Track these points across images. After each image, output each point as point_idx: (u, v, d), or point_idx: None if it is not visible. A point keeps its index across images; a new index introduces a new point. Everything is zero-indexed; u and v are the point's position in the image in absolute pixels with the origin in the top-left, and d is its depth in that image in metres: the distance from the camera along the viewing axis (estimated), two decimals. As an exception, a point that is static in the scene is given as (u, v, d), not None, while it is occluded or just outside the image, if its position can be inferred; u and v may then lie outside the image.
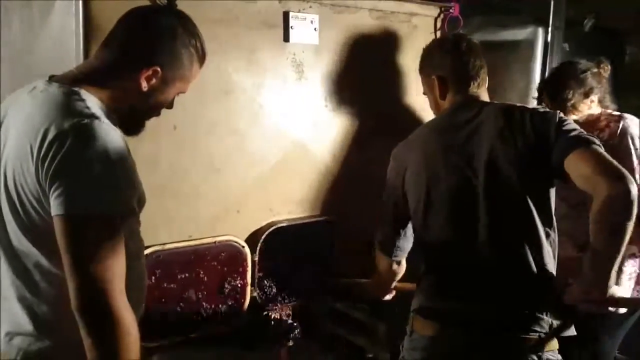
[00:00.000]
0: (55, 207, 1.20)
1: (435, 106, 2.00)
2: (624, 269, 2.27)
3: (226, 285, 2.21)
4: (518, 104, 1.85)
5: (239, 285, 2.23)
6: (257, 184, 2.25)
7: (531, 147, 1.67)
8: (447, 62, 1.90)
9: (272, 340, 2.39)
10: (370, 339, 3.13)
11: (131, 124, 1.43)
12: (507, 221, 1.67)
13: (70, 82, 1.34)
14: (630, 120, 2.32)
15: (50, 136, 1.21)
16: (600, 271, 1.47)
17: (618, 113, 2.39)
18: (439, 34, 2.73)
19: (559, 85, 2.37)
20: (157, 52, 1.39)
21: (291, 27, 2.26)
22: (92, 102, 1.31)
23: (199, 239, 2.13)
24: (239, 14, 2.11)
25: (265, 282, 2.34)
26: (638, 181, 2.16)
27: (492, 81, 3.43)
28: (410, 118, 2.63)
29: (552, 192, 1.71)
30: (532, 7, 3.63)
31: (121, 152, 1.25)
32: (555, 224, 1.71)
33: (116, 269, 1.22)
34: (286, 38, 2.25)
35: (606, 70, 2.44)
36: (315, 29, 2.32)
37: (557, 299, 1.62)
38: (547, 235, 1.67)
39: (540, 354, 1.59)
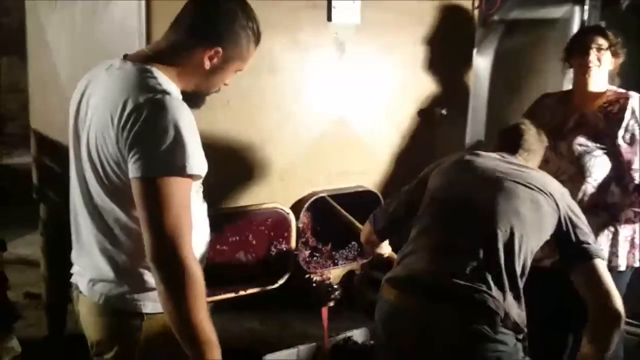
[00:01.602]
0: (133, 170, 1.37)
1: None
2: (620, 231, 2.41)
3: (272, 249, 2.39)
4: (558, 186, 2.00)
5: (284, 249, 2.41)
6: (299, 156, 2.42)
7: (543, 221, 1.89)
8: (510, 133, 2.16)
9: (314, 302, 2.56)
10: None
11: (194, 98, 1.59)
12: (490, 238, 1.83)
13: (143, 61, 1.51)
14: (637, 97, 2.41)
15: (128, 108, 1.38)
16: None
17: (624, 90, 2.49)
18: (477, 12, 2.83)
19: (596, 34, 2.46)
20: (220, 33, 1.53)
21: (334, 7, 2.39)
22: (163, 79, 1.48)
23: (247, 205, 2.31)
24: (285, -6, 2.26)
25: (308, 247, 2.51)
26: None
27: (529, 58, 3.54)
28: (451, 95, 2.76)
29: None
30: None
31: (189, 123, 1.42)
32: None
33: (186, 225, 1.39)
34: (329, 17, 2.39)
35: (624, 52, 2.52)
36: (356, 7, 2.45)
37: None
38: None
39: (494, 328, 1.74)
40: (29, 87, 3.24)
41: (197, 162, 1.41)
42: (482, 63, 3.47)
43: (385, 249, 2.41)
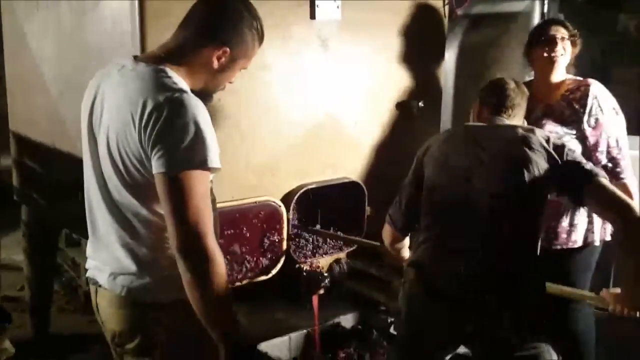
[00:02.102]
0: (157, 166, 1.43)
1: (472, 117, 2.26)
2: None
3: (265, 240, 2.47)
4: (538, 130, 2.09)
5: (277, 240, 2.49)
6: (289, 150, 2.50)
7: (539, 168, 1.94)
8: (493, 91, 2.19)
9: (305, 289, 2.66)
10: (386, 293, 3.42)
11: (201, 96, 1.65)
12: (496, 217, 1.95)
13: (155, 61, 1.56)
14: (597, 84, 2.57)
15: (148, 107, 1.44)
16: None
17: (581, 78, 2.63)
18: (447, 8, 2.96)
19: (557, 25, 2.59)
20: (228, 33, 1.60)
21: (317, 5, 2.49)
22: (177, 78, 1.54)
23: (241, 199, 2.38)
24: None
25: (298, 238, 2.60)
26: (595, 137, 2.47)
27: (492, 51, 3.71)
28: (426, 88, 2.88)
29: (544, 204, 2.01)
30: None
31: (207, 119, 1.48)
32: (541, 221, 2.01)
33: (208, 215, 1.46)
34: (312, 15, 2.48)
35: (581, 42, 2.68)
36: (337, 6, 2.55)
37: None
38: (528, 228, 1.97)
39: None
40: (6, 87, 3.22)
41: (216, 156, 1.49)
42: (448, 56, 3.61)
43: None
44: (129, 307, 1.59)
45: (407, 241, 2.33)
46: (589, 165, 1.97)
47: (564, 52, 2.54)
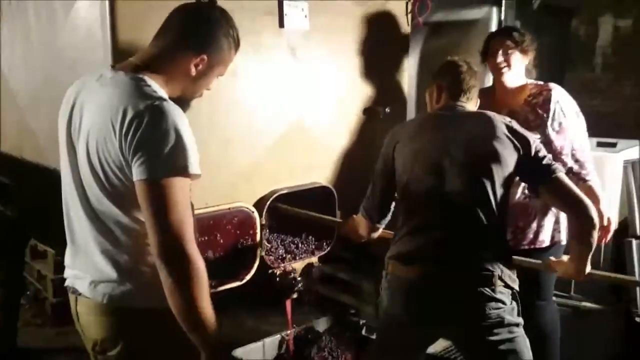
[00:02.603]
0: (138, 173, 1.45)
1: (429, 101, 2.31)
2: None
3: (239, 247, 2.49)
4: (497, 115, 2.17)
5: (250, 245, 2.52)
6: (263, 156, 2.54)
7: (500, 152, 2.02)
8: (447, 75, 2.23)
9: (278, 294, 2.69)
10: (356, 297, 3.48)
11: (180, 102, 1.67)
12: (466, 193, 2.03)
13: (133, 70, 1.58)
14: (558, 89, 2.67)
15: (129, 115, 1.46)
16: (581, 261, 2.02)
17: (542, 82, 2.72)
18: (409, 17, 3.05)
19: (503, 37, 2.68)
20: (205, 41, 1.63)
21: (285, 14, 2.53)
22: (156, 86, 1.56)
23: (215, 205, 2.40)
24: (243, 3, 2.36)
25: (271, 243, 2.63)
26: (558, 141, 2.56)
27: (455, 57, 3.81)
28: (391, 94, 2.96)
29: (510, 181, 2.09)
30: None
31: (186, 126, 1.51)
32: (508, 195, 2.08)
33: (189, 221, 1.49)
34: (281, 24, 2.53)
35: (535, 47, 2.77)
36: (305, 15, 2.60)
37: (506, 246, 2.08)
38: (497, 204, 2.03)
39: (493, 287, 1.98)
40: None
41: (196, 162, 1.52)
42: (411, 63, 3.70)
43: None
44: (111, 315, 1.60)
45: (376, 234, 2.39)
46: (548, 161, 2.05)
47: (507, 64, 2.62)
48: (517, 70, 2.65)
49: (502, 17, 3.82)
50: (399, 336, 2.14)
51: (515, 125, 2.12)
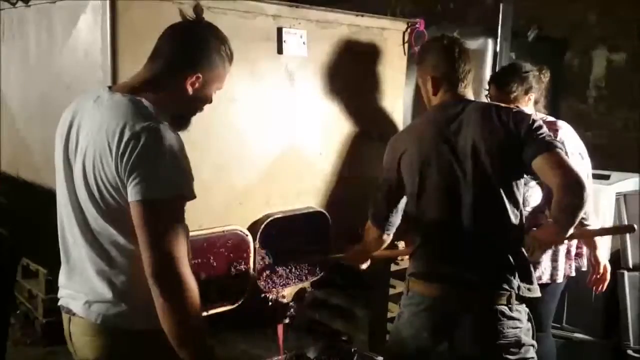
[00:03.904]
0: (133, 194, 1.47)
1: (427, 99, 2.28)
2: (560, 247, 2.67)
3: (232, 270, 2.49)
4: (497, 104, 2.17)
5: (243, 269, 2.52)
6: (257, 180, 2.55)
7: (505, 142, 2.02)
8: (440, 65, 2.17)
9: (270, 319, 2.68)
10: (348, 323, 3.47)
11: (179, 122, 1.70)
12: (482, 203, 2.03)
13: (130, 92, 1.61)
14: (566, 128, 2.70)
15: (126, 136, 1.48)
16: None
17: (552, 118, 2.76)
18: (406, 46, 3.10)
19: (505, 79, 2.72)
20: (198, 60, 1.65)
21: (284, 41, 2.57)
22: (153, 108, 1.58)
23: (209, 228, 2.41)
24: (241, 29, 2.40)
25: (264, 267, 2.63)
26: None
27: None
28: (386, 119, 2.99)
29: (521, 181, 2.08)
30: (483, 19, 4.03)
31: (182, 148, 1.53)
32: (521, 205, 2.08)
33: (182, 243, 1.50)
34: (280, 51, 2.56)
35: (545, 76, 2.82)
36: (304, 42, 2.64)
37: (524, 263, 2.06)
38: (515, 215, 2.04)
39: (510, 305, 1.99)
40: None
41: (191, 185, 1.53)
42: (407, 91, 3.74)
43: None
44: (104, 335, 1.60)
45: (387, 241, 2.39)
46: (549, 138, 2.00)
47: (518, 105, 2.62)
48: (522, 107, 2.65)
49: (498, 49, 3.88)
50: (416, 354, 2.12)
51: (520, 114, 2.08)
